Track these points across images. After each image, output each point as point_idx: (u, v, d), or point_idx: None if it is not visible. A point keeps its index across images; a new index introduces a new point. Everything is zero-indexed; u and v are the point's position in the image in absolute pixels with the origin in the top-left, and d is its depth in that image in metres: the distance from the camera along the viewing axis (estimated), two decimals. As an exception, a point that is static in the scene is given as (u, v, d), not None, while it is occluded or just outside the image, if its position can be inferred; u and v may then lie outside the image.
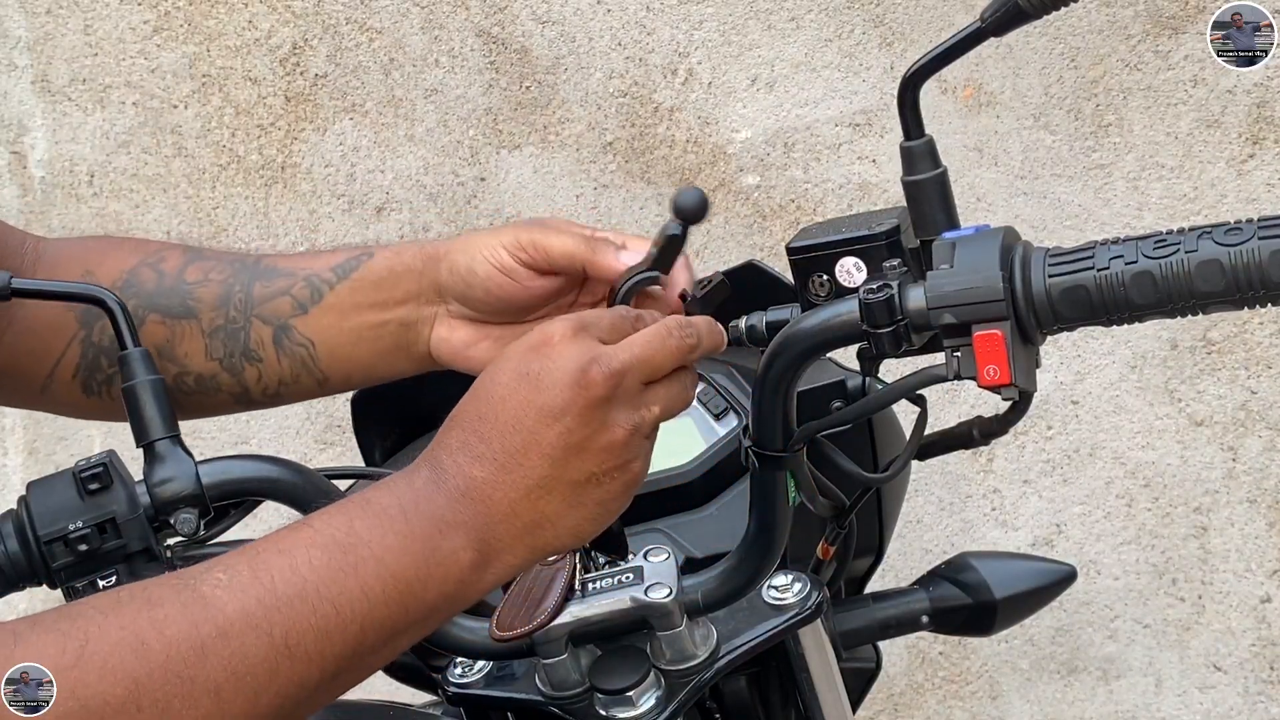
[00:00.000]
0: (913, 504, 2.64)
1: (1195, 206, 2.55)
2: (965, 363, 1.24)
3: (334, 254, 1.42)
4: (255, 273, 1.41)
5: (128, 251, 1.44)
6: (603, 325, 1.17)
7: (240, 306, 1.40)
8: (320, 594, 1.05)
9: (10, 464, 2.95)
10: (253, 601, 1.04)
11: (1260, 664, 2.60)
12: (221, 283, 1.41)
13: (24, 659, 0.98)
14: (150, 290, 1.41)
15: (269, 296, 1.40)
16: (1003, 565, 1.59)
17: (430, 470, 1.12)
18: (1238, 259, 1.18)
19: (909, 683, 2.71)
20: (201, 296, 1.40)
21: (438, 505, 1.10)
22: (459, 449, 1.12)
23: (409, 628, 1.10)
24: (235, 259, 1.43)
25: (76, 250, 1.45)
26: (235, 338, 1.40)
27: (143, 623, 1.02)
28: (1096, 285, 1.21)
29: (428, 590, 1.09)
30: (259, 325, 1.40)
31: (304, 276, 1.40)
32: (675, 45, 2.70)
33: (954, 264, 1.24)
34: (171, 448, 1.25)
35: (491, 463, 1.12)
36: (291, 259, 1.43)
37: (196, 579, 1.05)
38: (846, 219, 1.34)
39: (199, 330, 1.40)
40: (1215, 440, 2.58)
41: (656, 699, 1.32)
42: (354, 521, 1.08)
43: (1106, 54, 2.56)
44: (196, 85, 2.82)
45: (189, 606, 1.03)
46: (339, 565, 1.06)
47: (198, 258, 1.43)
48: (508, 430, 1.12)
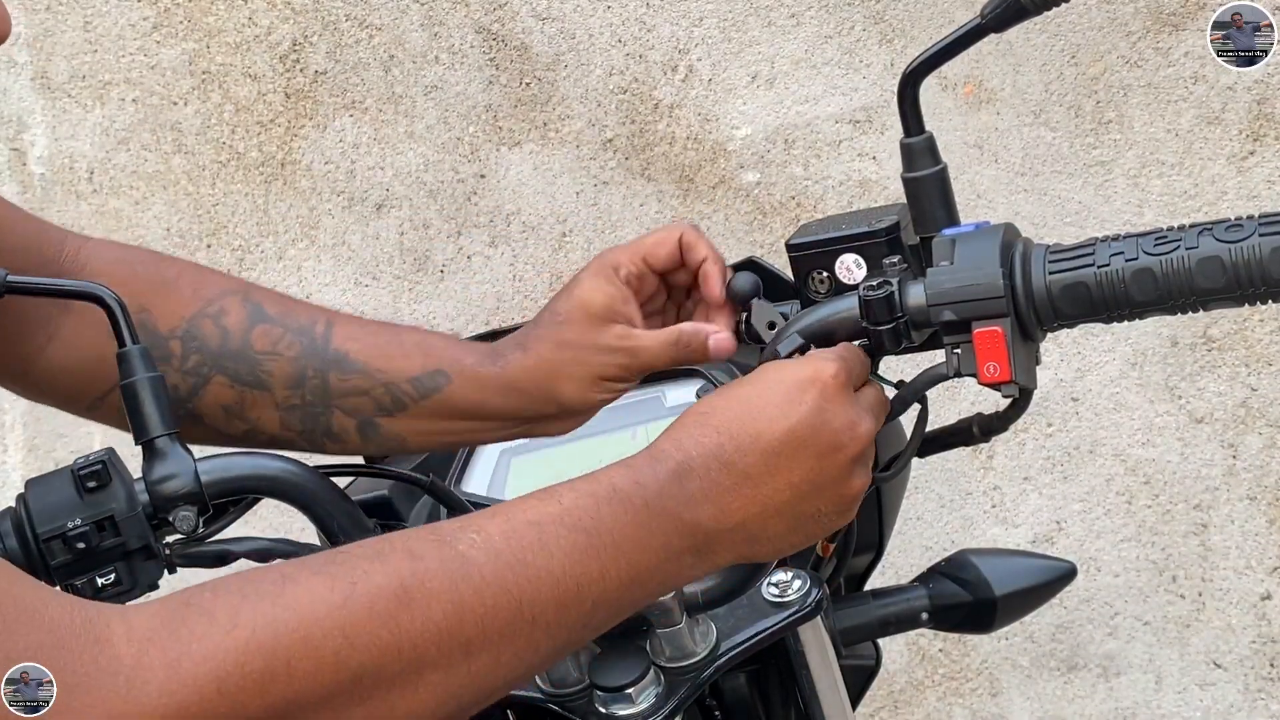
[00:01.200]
0: (913, 501, 2.64)
1: (1196, 203, 2.55)
2: (965, 360, 1.24)
3: (406, 356, 1.40)
4: (327, 359, 1.40)
5: (185, 289, 1.42)
6: (857, 372, 1.23)
7: (316, 393, 1.40)
8: (565, 570, 1.10)
9: (10, 461, 2.94)
10: (505, 567, 1.08)
11: (1260, 661, 2.60)
12: (293, 360, 1.40)
13: (294, 598, 1.03)
14: (214, 349, 1.40)
15: (347, 393, 1.40)
16: (1003, 562, 1.58)
17: (677, 463, 1.16)
18: (1238, 256, 1.18)
19: (909, 680, 2.71)
20: (273, 371, 1.40)
21: (678, 503, 1.14)
22: (712, 452, 1.16)
23: (629, 609, 1.16)
24: (300, 329, 1.41)
25: (124, 274, 1.42)
26: (315, 419, 1.41)
27: (405, 572, 1.06)
28: (1097, 282, 1.21)
29: (654, 579, 1.15)
30: (341, 416, 1.41)
31: (382, 383, 1.40)
32: (675, 42, 2.69)
33: (954, 261, 1.24)
34: (171, 445, 1.25)
35: (743, 474, 1.16)
36: (363, 347, 1.41)
37: (453, 537, 1.09)
38: (846, 216, 1.34)
39: (272, 402, 1.41)
40: (1215, 437, 2.58)
41: (656, 696, 1.32)
42: (601, 507, 1.13)
43: (1107, 51, 2.56)
44: (196, 82, 2.82)
45: (448, 563, 1.07)
46: (583, 546, 1.11)
47: (261, 319, 1.41)
48: (767, 451, 1.17)
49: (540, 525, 1.11)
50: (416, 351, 1.40)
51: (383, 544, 1.09)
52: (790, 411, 1.17)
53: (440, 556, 1.07)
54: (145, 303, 1.40)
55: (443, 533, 1.09)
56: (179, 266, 1.44)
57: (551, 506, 1.12)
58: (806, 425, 1.17)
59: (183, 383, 1.40)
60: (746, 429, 1.16)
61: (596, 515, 1.12)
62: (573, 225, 2.74)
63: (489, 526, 1.10)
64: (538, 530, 1.10)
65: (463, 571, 1.07)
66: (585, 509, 1.12)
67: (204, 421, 1.41)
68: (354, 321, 1.42)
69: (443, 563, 1.07)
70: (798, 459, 1.17)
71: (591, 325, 1.37)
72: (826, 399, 1.18)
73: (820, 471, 1.18)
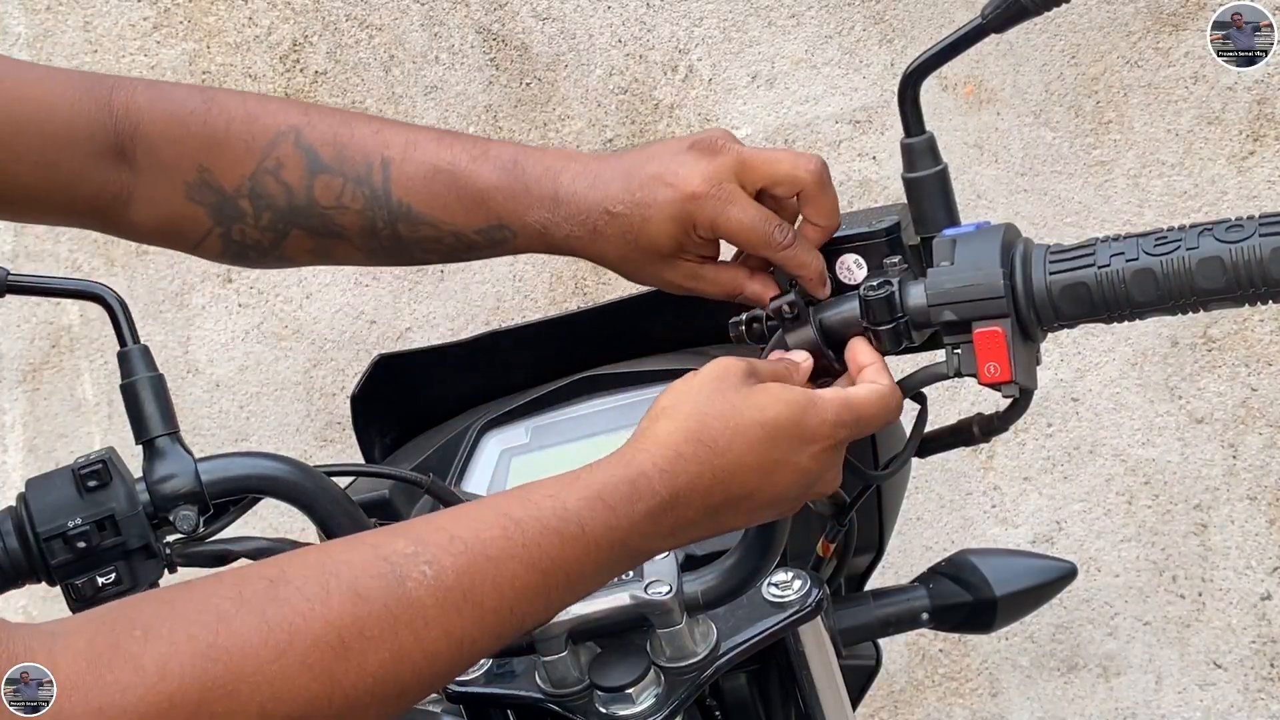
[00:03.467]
0: (913, 501, 2.64)
1: (1196, 203, 2.55)
2: (966, 360, 1.24)
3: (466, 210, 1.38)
4: (392, 210, 1.40)
5: (237, 143, 1.41)
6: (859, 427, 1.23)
7: (391, 240, 1.40)
8: (513, 609, 1.09)
9: (10, 461, 2.94)
10: (451, 609, 1.07)
11: (1260, 661, 2.60)
12: (360, 213, 1.40)
13: (226, 649, 1.01)
14: (283, 207, 1.41)
15: (419, 240, 1.40)
16: (1003, 562, 1.58)
17: (661, 502, 1.15)
18: (1239, 256, 1.18)
19: (909, 680, 2.71)
20: (345, 225, 1.41)
21: (644, 539, 1.15)
22: (700, 493, 1.16)
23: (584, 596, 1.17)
24: (359, 179, 1.40)
25: (177, 132, 1.42)
26: (398, 257, 1.42)
27: (346, 619, 1.04)
28: (1097, 282, 1.21)
29: (585, 595, 1.16)
30: (421, 253, 1.42)
31: (451, 232, 1.39)
32: (675, 42, 2.69)
33: (954, 261, 1.24)
34: (171, 445, 1.25)
35: (710, 513, 1.17)
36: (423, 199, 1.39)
37: (404, 570, 1.07)
38: (846, 216, 1.34)
39: (353, 248, 1.42)
40: (1215, 437, 2.58)
41: (656, 696, 1.32)
42: (566, 548, 1.11)
43: (1107, 51, 2.56)
44: (196, 82, 2.82)
45: (392, 606, 1.05)
46: (536, 587, 1.10)
47: (319, 168, 1.40)
48: (742, 499, 1.18)
49: (498, 562, 1.09)
50: (477, 207, 1.38)
51: (329, 577, 1.05)
52: (779, 471, 1.19)
53: (385, 599, 1.05)
54: (204, 160, 1.42)
55: (395, 561, 1.07)
56: (227, 111, 1.43)
57: (515, 542, 1.10)
58: (791, 482, 1.20)
59: (264, 237, 1.42)
60: (737, 479, 1.17)
61: (559, 556, 1.11)
62: (573, 225, 2.74)
63: (444, 559, 1.07)
64: (494, 566, 1.09)
65: (406, 615, 1.05)
66: (547, 550, 1.11)
67: (297, 262, 1.45)
68: (407, 160, 1.39)
69: (385, 604, 1.05)
70: (766, 504, 1.20)
71: (660, 256, 1.35)
72: (815, 459, 1.20)
73: (779, 505, 1.21)
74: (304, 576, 1.05)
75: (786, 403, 1.19)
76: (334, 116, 1.43)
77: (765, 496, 1.19)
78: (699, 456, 1.16)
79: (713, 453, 1.16)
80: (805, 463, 1.20)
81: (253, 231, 1.42)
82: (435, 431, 1.59)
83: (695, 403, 1.18)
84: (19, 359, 2.93)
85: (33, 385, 2.94)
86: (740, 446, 1.17)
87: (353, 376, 2.72)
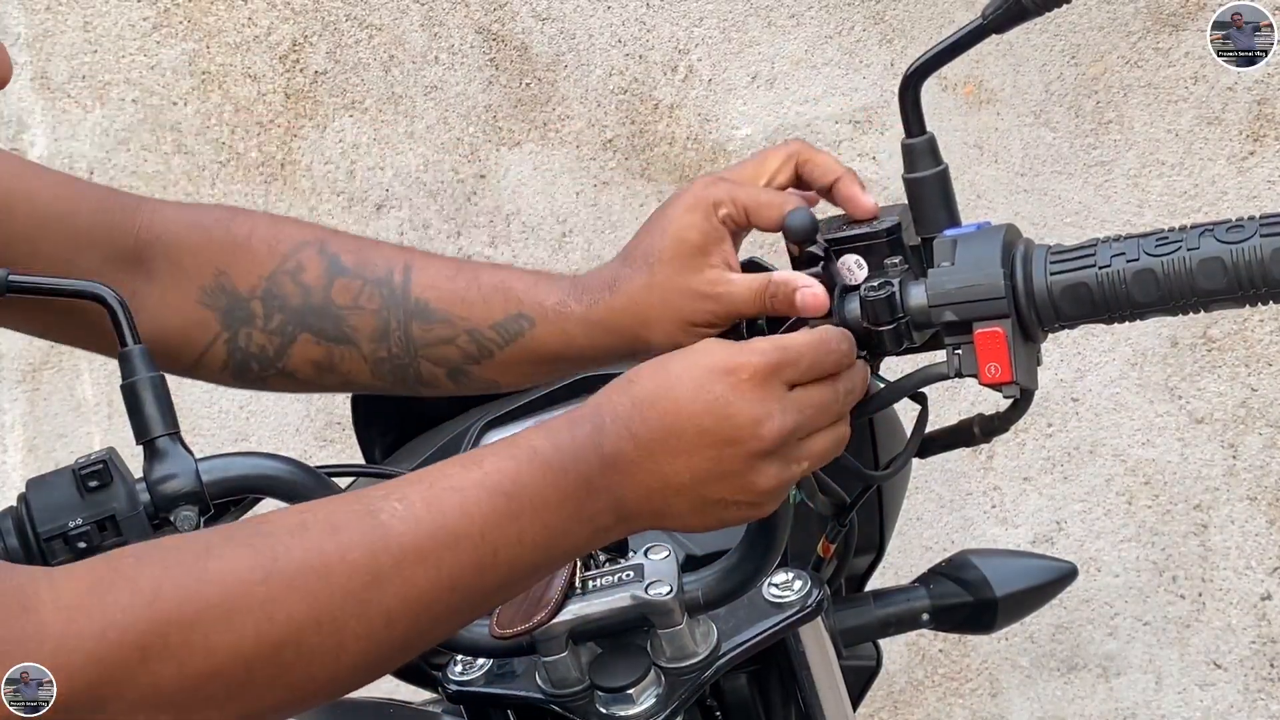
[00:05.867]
0: (913, 501, 2.64)
1: (1196, 204, 2.55)
2: (966, 360, 1.24)
3: (485, 301, 1.38)
4: (409, 310, 1.39)
5: (259, 247, 1.42)
6: (800, 367, 1.19)
7: (402, 345, 1.40)
8: (484, 536, 1.12)
9: (10, 461, 2.94)
10: (425, 536, 1.10)
11: (1260, 661, 2.60)
12: (375, 313, 1.40)
13: (216, 572, 1.05)
14: (297, 307, 1.40)
15: (432, 343, 1.39)
16: (1003, 563, 1.58)
17: (593, 426, 1.16)
18: (1239, 256, 1.18)
19: (909, 680, 2.71)
20: (357, 326, 1.40)
21: (591, 466, 1.15)
22: (624, 418, 1.16)
23: (543, 573, 1.19)
24: (379, 280, 1.40)
25: (199, 239, 1.43)
26: (404, 370, 1.41)
27: (327, 547, 1.08)
28: (1098, 283, 1.21)
29: (567, 541, 1.16)
30: (429, 365, 1.40)
31: (465, 330, 1.39)
32: (675, 42, 2.69)
33: (955, 261, 1.24)
34: (172, 445, 1.25)
35: (645, 448, 1.16)
36: (442, 294, 1.39)
37: (376, 506, 1.11)
38: (847, 216, 1.34)
39: (360, 356, 1.41)
40: (1215, 437, 2.58)
41: (657, 697, 1.32)
42: (521, 469, 1.14)
43: (1107, 51, 2.56)
44: (196, 82, 2.82)
45: (368, 534, 1.09)
46: (503, 511, 1.12)
47: (339, 271, 1.41)
48: (672, 431, 1.16)
49: (462, 490, 1.12)
50: (496, 295, 1.38)
51: (306, 515, 1.10)
52: (699, 396, 1.16)
53: (361, 528, 1.09)
54: (222, 265, 1.41)
55: (366, 501, 1.11)
56: (251, 222, 1.44)
57: (473, 472, 1.13)
58: (710, 413, 1.16)
59: (269, 343, 1.41)
60: (657, 406, 1.16)
61: (516, 478, 1.13)
62: (572, 225, 2.74)
63: (411, 494, 1.11)
64: (459, 495, 1.12)
65: (383, 543, 1.09)
66: (505, 472, 1.13)
67: (296, 377, 1.43)
68: (431, 264, 1.41)
69: (363, 534, 1.09)
70: (697, 445, 1.16)
71: (684, 267, 1.33)
72: (737, 390, 1.16)
73: (718, 461, 1.16)
74: (282, 519, 1.11)
75: (718, 342, 1.19)
76: (358, 238, 1.45)
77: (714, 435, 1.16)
78: (629, 390, 1.17)
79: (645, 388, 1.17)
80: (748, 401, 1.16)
81: (259, 335, 1.40)
82: (435, 431, 1.60)
83: (650, 366, 1.19)
84: (19, 359, 2.94)
85: (32, 385, 2.94)
86: (671, 381, 1.17)
87: (353, 377, 2.71)
